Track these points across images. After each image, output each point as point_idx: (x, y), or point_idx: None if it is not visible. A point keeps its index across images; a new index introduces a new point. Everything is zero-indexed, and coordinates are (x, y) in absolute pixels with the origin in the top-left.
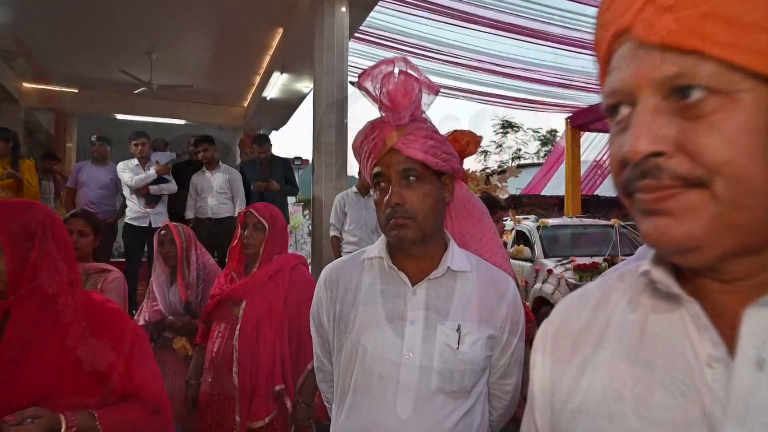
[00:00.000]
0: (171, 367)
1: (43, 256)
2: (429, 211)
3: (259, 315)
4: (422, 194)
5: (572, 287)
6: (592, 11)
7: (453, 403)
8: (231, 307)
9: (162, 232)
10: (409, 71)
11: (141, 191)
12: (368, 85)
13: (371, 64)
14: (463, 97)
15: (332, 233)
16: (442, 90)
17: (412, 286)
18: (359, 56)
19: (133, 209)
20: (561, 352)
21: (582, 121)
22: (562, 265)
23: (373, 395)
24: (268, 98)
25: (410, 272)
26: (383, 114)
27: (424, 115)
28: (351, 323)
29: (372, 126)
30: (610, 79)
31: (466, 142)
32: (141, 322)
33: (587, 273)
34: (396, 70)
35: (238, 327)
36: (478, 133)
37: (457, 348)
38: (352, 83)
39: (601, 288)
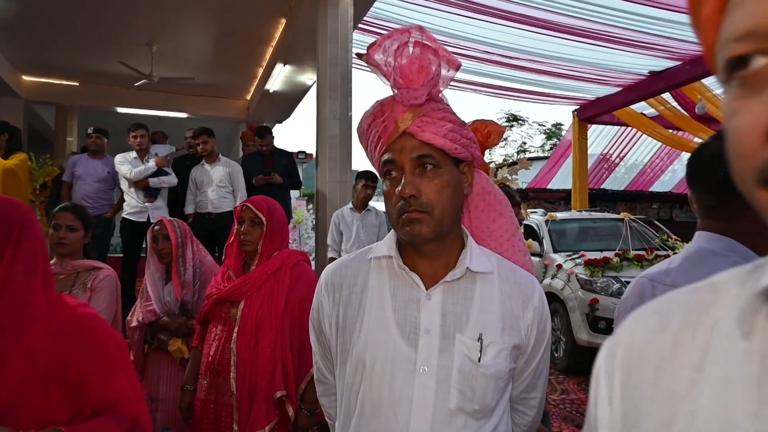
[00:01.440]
0: (166, 371)
1: (16, 257)
2: (447, 204)
3: (258, 316)
4: (439, 185)
5: (582, 283)
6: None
7: (475, 424)
8: (228, 308)
9: (156, 227)
10: (426, 42)
11: (140, 184)
12: (378, 57)
13: None
14: (470, 89)
15: (330, 255)
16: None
17: (426, 289)
18: (363, 47)
19: (131, 204)
20: (638, 385)
21: (589, 113)
22: (571, 260)
23: (383, 416)
24: (271, 91)
25: (424, 274)
26: (395, 92)
27: (440, 95)
28: (356, 332)
29: (381, 106)
30: (736, 17)
31: (487, 132)
32: (134, 323)
33: (598, 268)
34: (411, 41)
35: (235, 329)
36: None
37: (479, 360)
38: (359, 56)
39: (689, 302)
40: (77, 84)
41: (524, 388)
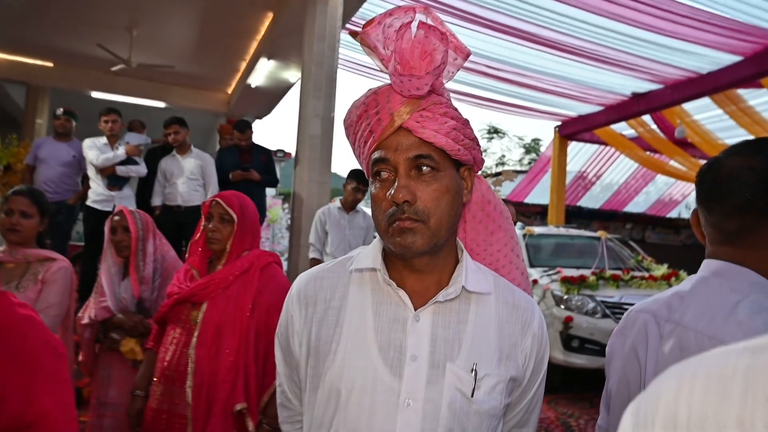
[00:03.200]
0: (117, 373)
1: None
2: (445, 213)
3: (221, 321)
4: (437, 190)
5: (557, 299)
6: (589, 17)
7: None
8: (189, 310)
9: (115, 217)
10: (433, 25)
11: (106, 172)
12: (375, 38)
13: (362, 57)
14: (454, 98)
15: (312, 255)
16: None
17: (415, 309)
18: (350, 49)
19: (97, 191)
20: None
21: (570, 130)
22: (548, 275)
23: None
24: (253, 85)
25: (412, 291)
26: (393, 80)
27: (443, 87)
28: (331, 354)
29: (375, 95)
30: None
31: None
32: (85, 320)
33: (574, 286)
34: (415, 22)
35: (195, 333)
36: None
37: (472, 395)
38: (353, 34)
39: (753, 367)
40: (51, 64)
41: (515, 424)
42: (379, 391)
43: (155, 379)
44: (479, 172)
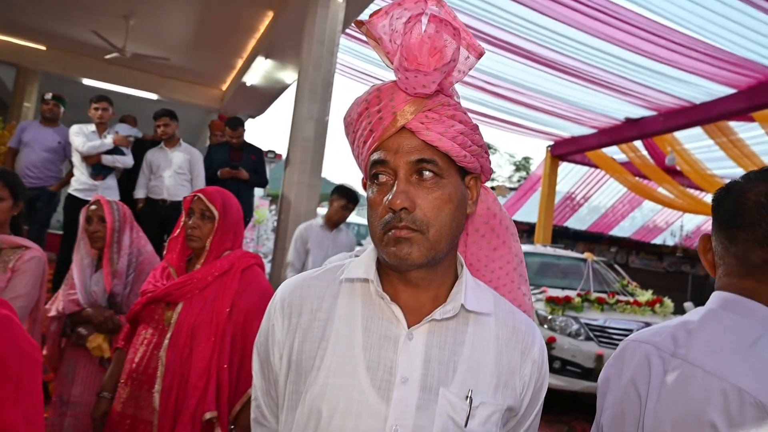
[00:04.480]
0: (82, 370)
1: None
2: (446, 224)
3: (196, 323)
4: (439, 198)
5: (541, 319)
6: (588, 39)
7: None
8: (163, 310)
9: (91, 206)
10: (445, 19)
11: (91, 160)
12: (382, 29)
13: (361, 63)
14: None
15: (290, 274)
16: None
17: (408, 327)
18: (349, 54)
19: (80, 180)
20: None
21: (562, 151)
22: (532, 294)
23: None
24: (248, 84)
25: (406, 306)
26: (398, 76)
27: (452, 88)
28: (314, 371)
29: (378, 92)
30: None
31: None
32: (53, 312)
33: (559, 306)
34: (426, 15)
35: (168, 335)
36: None
37: (465, 425)
38: (359, 25)
39: None
40: (44, 48)
41: None
42: (365, 414)
43: (121, 380)
44: (486, 183)
